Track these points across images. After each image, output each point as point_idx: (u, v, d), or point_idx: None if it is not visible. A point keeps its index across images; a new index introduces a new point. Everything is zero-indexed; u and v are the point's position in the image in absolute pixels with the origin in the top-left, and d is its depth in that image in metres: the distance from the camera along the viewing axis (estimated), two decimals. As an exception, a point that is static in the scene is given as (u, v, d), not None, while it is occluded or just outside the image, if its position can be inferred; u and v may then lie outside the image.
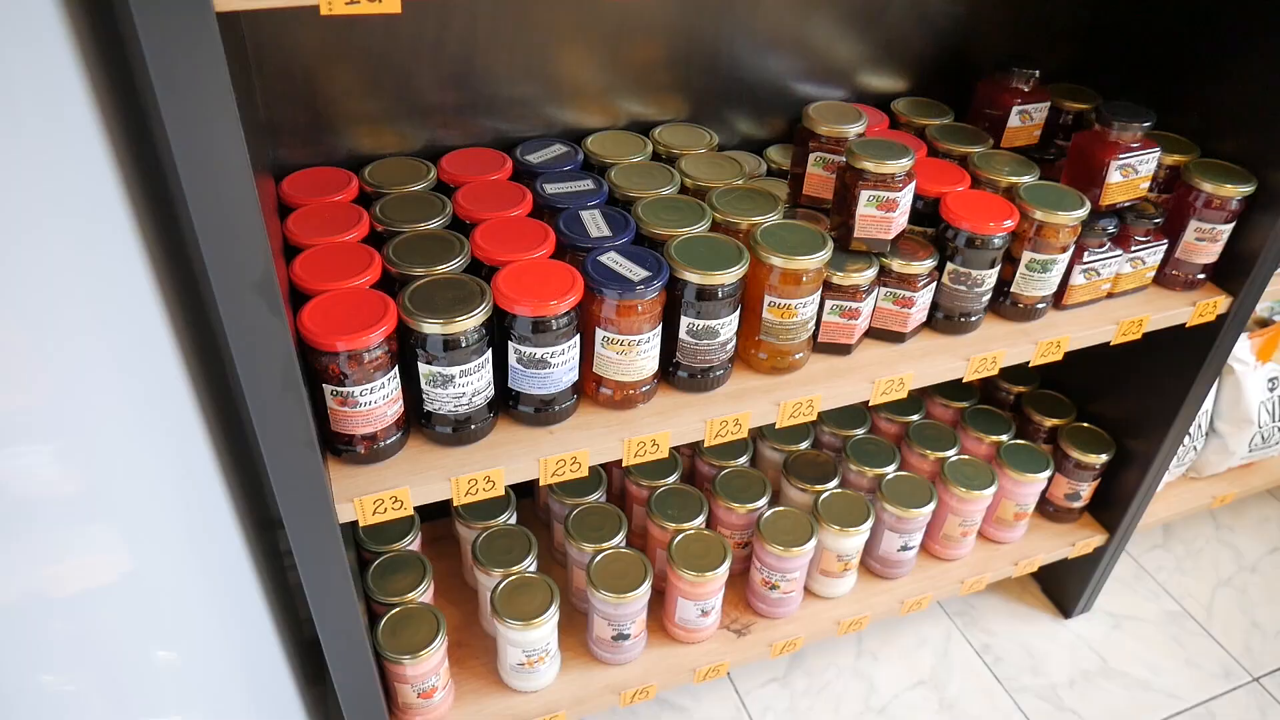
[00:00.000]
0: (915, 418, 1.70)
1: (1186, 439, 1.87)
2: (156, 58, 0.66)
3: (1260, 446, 1.93)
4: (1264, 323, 1.94)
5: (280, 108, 1.19)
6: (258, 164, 0.81)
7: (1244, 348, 1.85)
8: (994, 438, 1.68)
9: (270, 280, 0.81)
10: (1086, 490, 1.72)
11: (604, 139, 1.33)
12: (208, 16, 0.67)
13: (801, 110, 1.27)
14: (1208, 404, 1.89)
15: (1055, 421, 1.74)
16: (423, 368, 1.01)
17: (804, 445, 1.62)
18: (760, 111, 1.46)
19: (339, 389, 0.98)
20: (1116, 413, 1.71)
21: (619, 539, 1.41)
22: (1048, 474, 1.64)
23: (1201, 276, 1.44)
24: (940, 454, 1.63)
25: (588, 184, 1.22)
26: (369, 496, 1.02)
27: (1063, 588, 1.92)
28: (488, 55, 1.24)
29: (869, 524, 1.50)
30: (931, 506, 1.55)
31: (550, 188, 1.20)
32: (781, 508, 1.50)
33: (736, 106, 1.44)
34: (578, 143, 1.32)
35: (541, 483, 1.10)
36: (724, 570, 1.40)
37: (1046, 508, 1.77)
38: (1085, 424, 1.73)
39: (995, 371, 1.31)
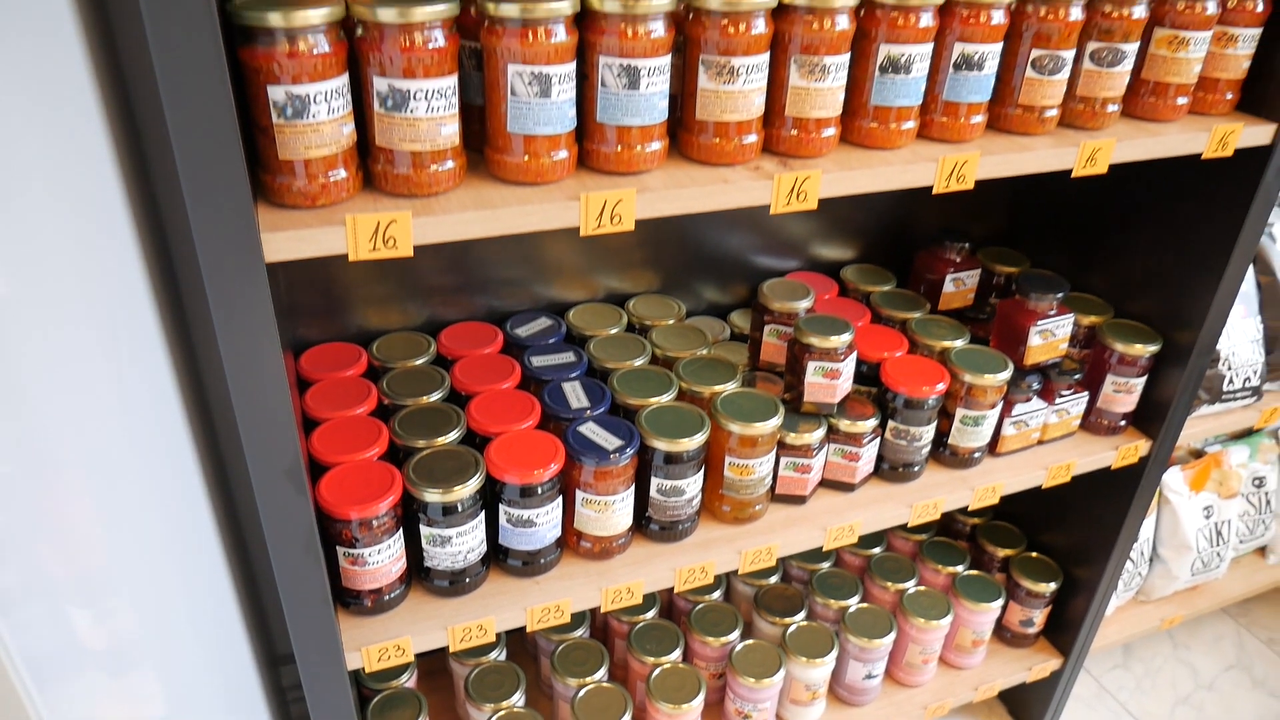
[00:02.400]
0: (877, 550, 1.84)
1: (1131, 565, 2.00)
2: (218, 300, 0.83)
3: (1202, 571, 2.07)
4: (1198, 453, 2.10)
5: (302, 293, 1.36)
6: (282, 344, 0.97)
7: (1178, 478, 2.00)
8: (950, 569, 1.81)
9: (298, 468, 0.96)
10: (1039, 616, 1.85)
11: (584, 311, 1.51)
12: (259, 266, 0.84)
13: (758, 285, 1.45)
14: (1149, 531, 2.03)
15: (1007, 552, 1.87)
16: (424, 529, 1.15)
17: (773, 580, 1.75)
18: (724, 281, 1.64)
19: (350, 550, 1.12)
20: (1063, 543, 1.85)
21: (601, 673, 1.53)
22: (1000, 603, 1.77)
23: (1123, 423, 1.60)
24: (899, 585, 1.76)
25: (569, 356, 1.38)
26: (374, 646, 1.14)
27: (1026, 710, 2.02)
28: (482, 245, 1.42)
29: (834, 654, 1.62)
30: (892, 636, 1.67)
31: (537, 360, 1.37)
32: (752, 640, 1.62)
33: (702, 277, 1.62)
34: (561, 315, 1.50)
35: (528, 630, 1.23)
36: (699, 702, 1.51)
37: (1003, 634, 1.89)
38: (1035, 554, 1.87)
39: (937, 516, 1.45)
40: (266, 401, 0.90)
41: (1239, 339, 1.68)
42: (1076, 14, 1.15)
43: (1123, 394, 1.56)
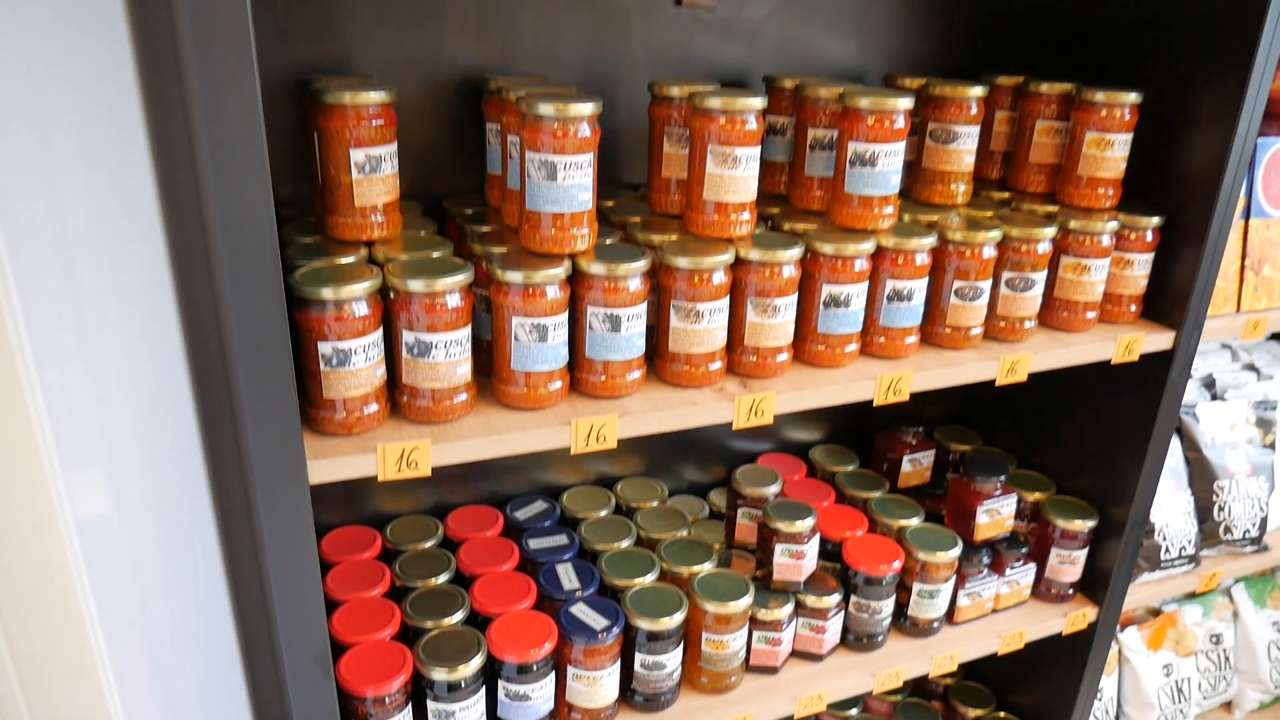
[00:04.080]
0: (853, 712, 1.95)
1: (1098, 723, 2.11)
2: (269, 518, 1.00)
3: (1166, 728, 2.17)
4: (1155, 612, 2.23)
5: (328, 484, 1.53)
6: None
7: (1136, 638, 2.13)
8: (922, 729, 1.92)
9: (326, 653, 1.11)
10: (1011, 776, 1.94)
11: (576, 495, 1.68)
12: (304, 489, 1.01)
13: (734, 467, 1.63)
14: (1114, 690, 2.14)
15: (977, 712, 1.98)
16: (431, 705, 1.29)
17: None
18: (703, 462, 1.82)
19: (365, 725, 1.25)
20: (1029, 702, 1.96)
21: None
22: (971, 763, 1.87)
23: (1070, 591, 1.75)
24: (874, 747, 1.87)
25: (562, 539, 1.54)
26: (384, 816, 1.26)
27: None
28: (486, 437, 1.60)
29: (812, 817, 1.71)
30: (868, 798, 1.77)
31: (533, 543, 1.53)
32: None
33: (683, 459, 1.80)
34: (556, 497, 1.67)
35: (524, 797, 1.35)
36: None
37: (978, 793, 1.98)
38: (1003, 714, 1.98)
39: (900, 685, 1.58)
40: (303, 597, 1.06)
41: (1172, 511, 1.84)
42: (990, 252, 1.37)
43: (1067, 565, 1.72)
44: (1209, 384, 2.05)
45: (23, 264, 0.77)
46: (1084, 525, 1.68)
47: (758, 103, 1.19)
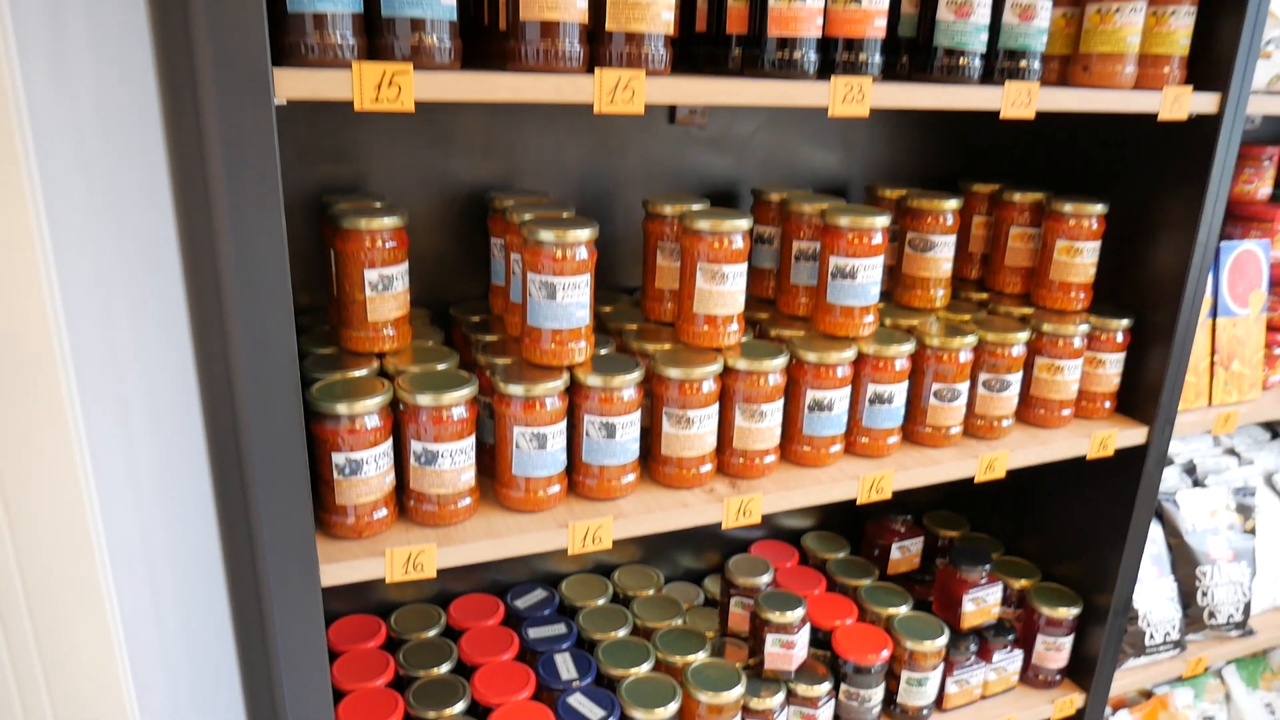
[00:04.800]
0: (848, 796, 1.97)
1: (1093, 807, 2.12)
2: (283, 625, 1.06)
3: (1161, 812, 2.18)
4: (1148, 694, 2.25)
5: (332, 574, 1.59)
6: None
7: (1128, 721, 2.15)
8: (916, 815, 1.94)
9: (333, 750, 1.16)
10: None
11: (575, 583, 1.73)
12: (316, 591, 1.08)
13: (727, 555, 1.69)
14: (1107, 773, 2.16)
15: (971, 796, 2.00)
16: (432, 796, 1.33)
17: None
18: (698, 549, 1.88)
19: (368, 817, 1.29)
20: (1022, 787, 1.98)
21: None
22: None
23: (1058, 677, 1.79)
24: (869, 833, 1.88)
25: (561, 628, 1.59)
26: None
27: None
28: (488, 528, 1.67)
29: None
30: None
31: (533, 632, 1.58)
32: None
33: (679, 547, 1.86)
34: (555, 585, 1.72)
35: None
36: None
37: None
38: (996, 798, 2.00)
39: (890, 772, 1.62)
40: (311, 692, 1.12)
41: (1156, 597, 1.89)
42: (966, 356, 1.45)
43: (1054, 651, 1.76)
44: (1190, 469, 2.11)
45: (85, 370, 0.85)
46: (1068, 613, 1.73)
47: (743, 224, 1.27)
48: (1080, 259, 1.56)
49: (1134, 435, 1.60)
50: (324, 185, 1.40)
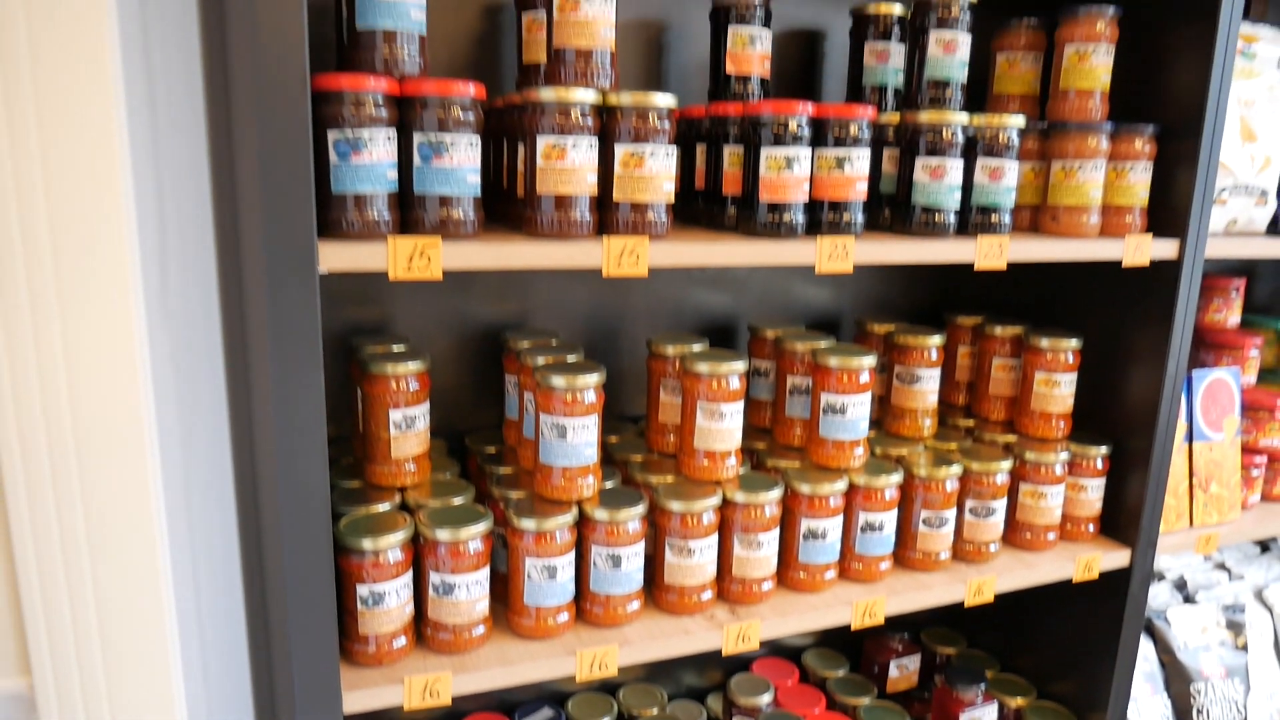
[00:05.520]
0: None
1: None
2: (308, 753, 1.13)
3: None
4: (1152, 813, 2.26)
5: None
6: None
7: (1132, 842, 2.15)
8: None
9: None
10: None
11: (581, 702, 1.78)
12: (338, 716, 1.14)
13: (730, 675, 1.74)
14: None
15: None
16: None
17: None
18: (701, 667, 1.93)
19: None
20: None
21: None
22: None
23: (1057, 798, 1.82)
24: None
25: (568, 749, 1.64)
26: None
27: None
28: (498, 647, 1.72)
29: None
30: None
31: (540, 753, 1.63)
32: None
33: (682, 665, 1.91)
34: (562, 704, 1.77)
35: None
36: None
37: None
38: None
39: None
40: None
41: (1150, 715, 1.93)
42: (952, 485, 1.53)
43: (1051, 771, 1.79)
44: (1180, 585, 2.17)
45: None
46: (1064, 733, 1.77)
47: (739, 365, 1.38)
48: (1058, 390, 1.66)
49: (1118, 558, 1.67)
50: (352, 326, 1.52)
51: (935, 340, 1.62)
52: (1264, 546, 2.42)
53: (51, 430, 1.03)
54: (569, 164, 1.15)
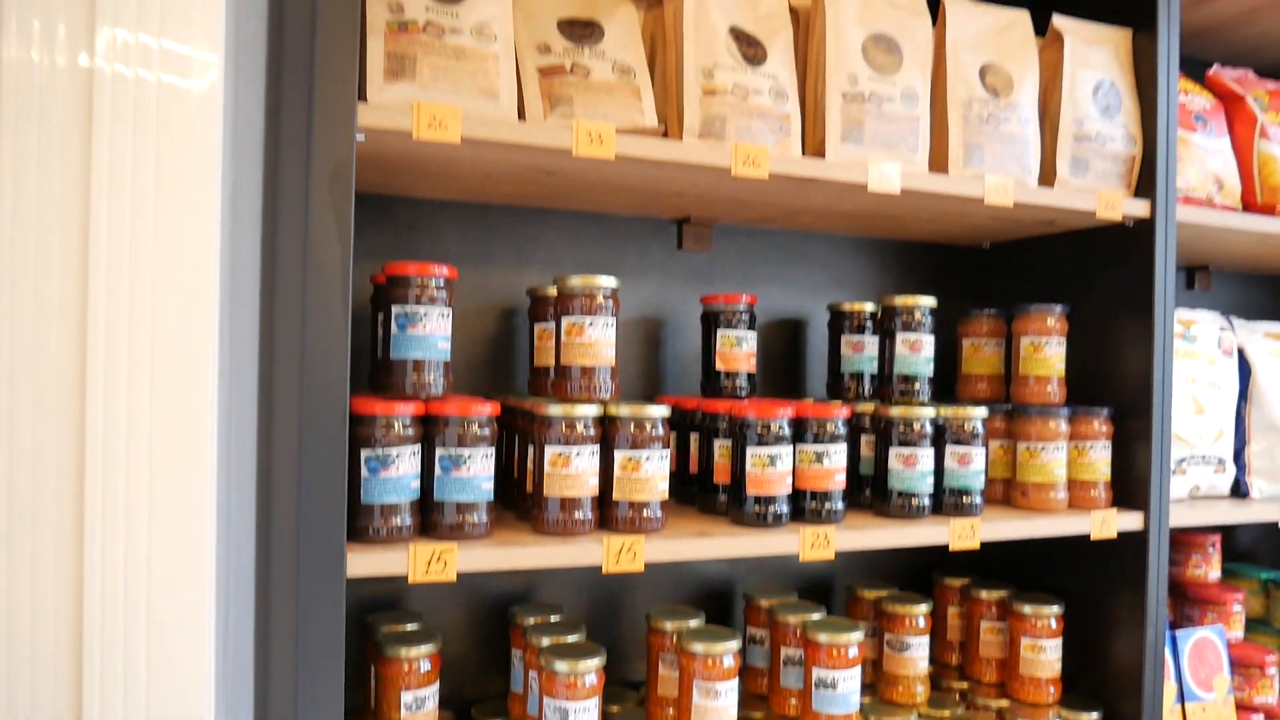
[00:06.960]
0: None
1: None
2: None
3: None
4: None
5: None
6: None
7: None
8: None
9: None
10: None
11: None
12: None
13: None
14: None
15: None
16: None
17: None
18: None
19: None
20: None
21: None
22: None
23: None
24: None
25: None
26: None
27: None
28: None
29: None
30: None
31: None
32: None
33: None
34: None
35: None
36: None
37: None
38: None
39: None
40: None
41: None
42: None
43: None
44: None
45: None
46: None
47: (733, 645, 1.46)
48: (1044, 655, 1.72)
49: (1113, 807, 1.67)
50: (369, 603, 1.61)
51: (923, 609, 1.70)
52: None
53: None
54: (573, 470, 1.29)
